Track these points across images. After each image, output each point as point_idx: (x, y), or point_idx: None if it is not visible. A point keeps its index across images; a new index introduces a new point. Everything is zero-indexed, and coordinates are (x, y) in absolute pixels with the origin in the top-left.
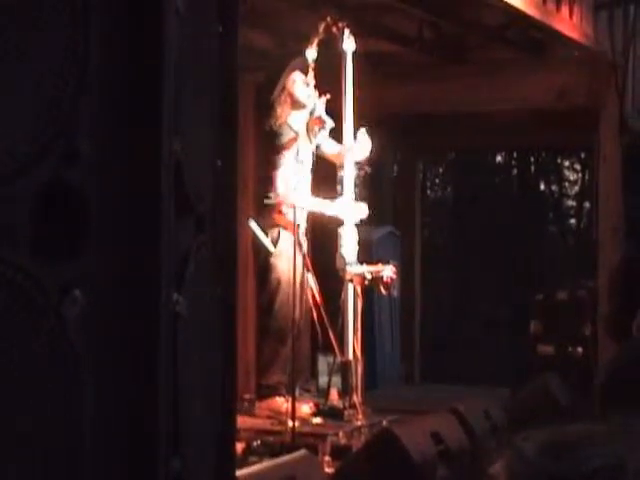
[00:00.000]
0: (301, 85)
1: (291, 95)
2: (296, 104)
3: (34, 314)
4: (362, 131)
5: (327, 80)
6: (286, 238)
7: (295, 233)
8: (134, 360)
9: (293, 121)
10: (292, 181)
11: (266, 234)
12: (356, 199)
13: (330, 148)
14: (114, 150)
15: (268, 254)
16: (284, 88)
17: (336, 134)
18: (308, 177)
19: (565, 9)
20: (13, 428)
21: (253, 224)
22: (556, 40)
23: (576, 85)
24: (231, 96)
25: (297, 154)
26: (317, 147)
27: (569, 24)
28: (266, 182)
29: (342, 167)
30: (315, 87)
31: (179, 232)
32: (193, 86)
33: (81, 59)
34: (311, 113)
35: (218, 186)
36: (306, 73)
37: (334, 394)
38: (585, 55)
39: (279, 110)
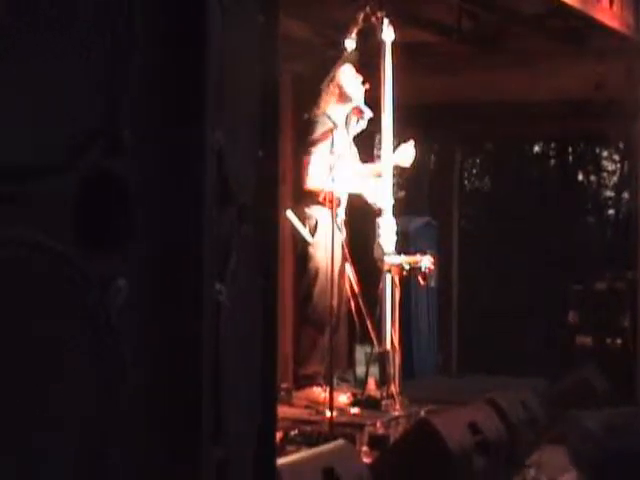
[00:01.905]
0: (351, 78)
1: (340, 87)
2: (343, 96)
3: (78, 303)
4: (410, 143)
5: (366, 70)
6: (324, 227)
7: (333, 223)
8: (177, 349)
9: (332, 112)
10: (326, 171)
11: (304, 224)
12: (393, 189)
13: (367, 170)
14: (157, 140)
15: (306, 244)
16: (333, 79)
17: (374, 124)
18: (347, 168)
19: None
20: (59, 419)
21: (290, 214)
22: (596, 30)
23: (615, 75)
24: (272, 86)
25: (332, 145)
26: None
27: (609, 13)
28: (299, 170)
29: (379, 157)
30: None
31: (221, 222)
32: (235, 77)
33: (125, 49)
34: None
35: (260, 177)
36: (355, 67)
37: (372, 384)
38: (625, 44)
39: (324, 100)
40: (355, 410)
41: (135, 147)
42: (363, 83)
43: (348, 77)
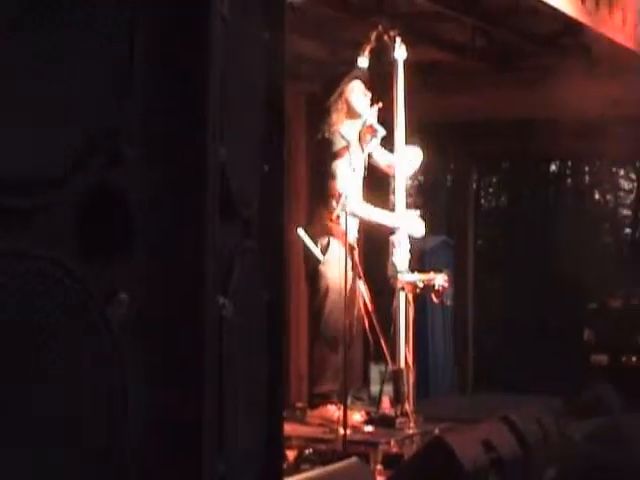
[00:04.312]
0: (359, 94)
1: (348, 103)
2: (351, 113)
3: (81, 315)
4: (414, 148)
5: (379, 89)
6: (336, 246)
7: (346, 241)
8: (180, 362)
9: (345, 130)
10: (347, 190)
11: (316, 242)
12: (409, 208)
13: (382, 158)
14: (160, 154)
15: (317, 262)
16: (341, 95)
17: (388, 143)
18: (360, 186)
19: (618, 16)
20: (60, 426)
21: (302, 232)
22: (609, 48)
23: (630, 93)
24: (278, 102)
25: (350, 163)
26: (369, 156)
27: (622, 32)
28: (322, 191)
29: (394, 177)
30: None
31: (225, 236)
32: (240, 91)
33: (127, 63)
34: (363, 122)
35: (265, 191)
36: (365, 84)
37: (386, 402)
38: (637, 62)
39: (334, 117)
40: (369, 428)
41: (137, 161)
42: (376, 102)
43: (356, 93)
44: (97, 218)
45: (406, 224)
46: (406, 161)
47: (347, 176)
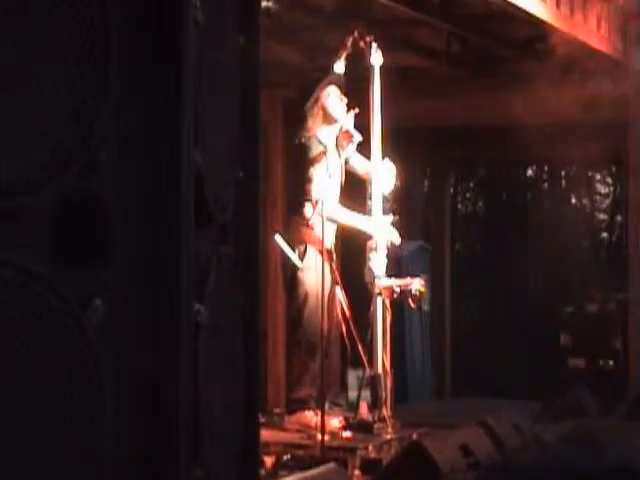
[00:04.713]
0: (335, 99)
1: (324, 108)
2: (328, 118)
3: (54, 323)
4: (386, 162)
5: (355, 94)
6: (313, 252)
7: (323, 246)
8: (155, 369)
9: (322, 135)
10: (324, 195)
11: (293, 248)
12: (386, 213)
13: (359, 165)
14: (135, 160)
15: (295, 268)
16: (317, 100)
17: (364, 148)
18: (337, 191)
19: (593, 21)
20: (33, 436)
21: (279, 238)
22: (584, 53)
23: (603, 97)
24: (253, 108)
25: (327, 168)
26: (346, 161)
27: (597, 36)
28: (299, 196)
29: (371, 182)
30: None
31: (200, 242)
32: (215, 96)
33: (101, 72)
34: (340, 127)
35: (241, 197)
36: (341, 89)
37: (364, 408)
38: (612, 67)
39: (310, 122)
40: (347, 434)
41: (112, 167)
42: (352, 107)
43: (332, 98)
44: (72, 224)
45: (382, 231)
46: (382, 178)
47: (324, 181)
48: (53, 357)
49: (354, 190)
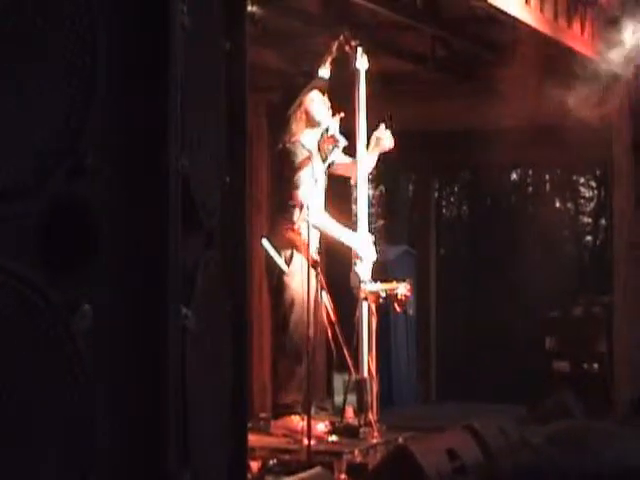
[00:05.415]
0: (319, 104)
1: (307, 113)
2: (312, 122)
3: (43, 328)
4: (382, 127)
5: (340, 99)
6: (299, 257)
7: (309, 251)
8: (143, 374)
9: (306, 140)
10: (310, 200)
11: (279, 253)
12: (371, 217)
13: (343, 160)
14: (122, 165)
15: (281, 273)
16: (301, 105)
17: (349, 153)
18: (322, 196)
19: (577, 25)
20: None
21: (266, 243)
22: (568, 56)
23: (587, 101)
24: (240, 113)
25: (312, 173)
26: (329, 166)
27: (581, 40)
28: (285, 202)
29: (356, 186)
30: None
31: (187, 247)
32: (201, 102)
33: (88, 76)
34: (325, 132)
35: (227, 202)
36: (326, 94)
37: (350, 412)
38: (596, 71)
39: (294, 127)
40: (333, 438)
41: (99, 173)
42: (337, 112)
43: (316, 103)
44: (60, 228)
45: (362, 248)
46: (377, 141)
47: (309, 186)
48: (42, 361)
49: (339, 194)
